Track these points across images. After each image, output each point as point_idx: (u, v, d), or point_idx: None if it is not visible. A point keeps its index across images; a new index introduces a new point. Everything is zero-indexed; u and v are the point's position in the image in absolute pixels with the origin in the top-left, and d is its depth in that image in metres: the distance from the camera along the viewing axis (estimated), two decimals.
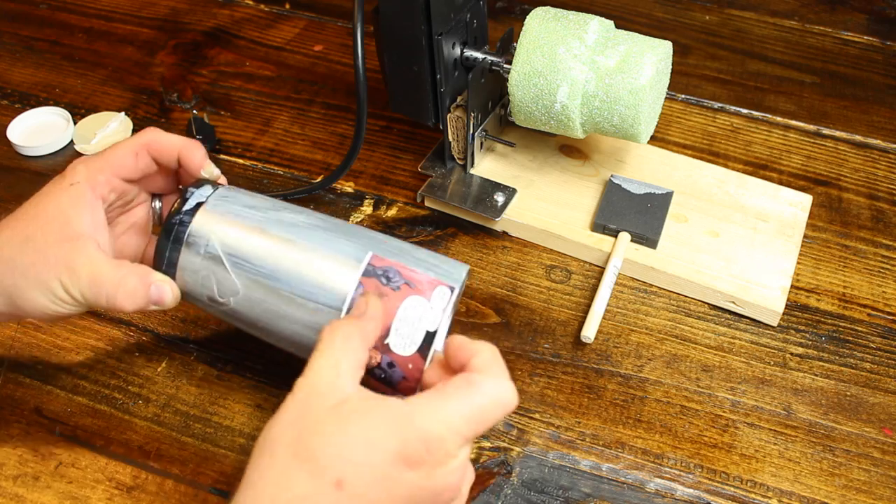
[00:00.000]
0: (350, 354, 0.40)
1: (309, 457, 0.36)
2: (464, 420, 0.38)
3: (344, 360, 0.40)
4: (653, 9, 0.93)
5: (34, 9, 0.91)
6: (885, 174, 0.74)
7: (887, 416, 0.57)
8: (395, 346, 0.45)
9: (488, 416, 0.38)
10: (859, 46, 0.89)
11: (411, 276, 0.46)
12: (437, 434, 0.37)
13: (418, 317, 0.45)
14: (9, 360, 0.58)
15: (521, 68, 0.62)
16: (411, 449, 0.37)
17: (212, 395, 0.57)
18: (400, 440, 0.37)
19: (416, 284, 0.46)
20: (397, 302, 0.45)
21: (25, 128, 0.76)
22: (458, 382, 0.39)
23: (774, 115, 0.80)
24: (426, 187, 0.69)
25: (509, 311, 0.62)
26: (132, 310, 0.47)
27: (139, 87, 0.81)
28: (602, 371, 0.59)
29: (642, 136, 0.63)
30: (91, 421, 0.55)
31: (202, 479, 0.52)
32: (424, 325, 0.45)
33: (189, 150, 0.51)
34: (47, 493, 0.51)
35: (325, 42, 0.87)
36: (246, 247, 0.48)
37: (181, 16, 0.91)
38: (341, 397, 0.38)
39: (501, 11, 0.92)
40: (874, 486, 0.53)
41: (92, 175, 0.49)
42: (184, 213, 0.48)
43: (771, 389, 0.58)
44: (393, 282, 0.46)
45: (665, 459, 0.54)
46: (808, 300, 0.64)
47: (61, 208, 0.48)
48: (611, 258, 0.63)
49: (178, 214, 0.48)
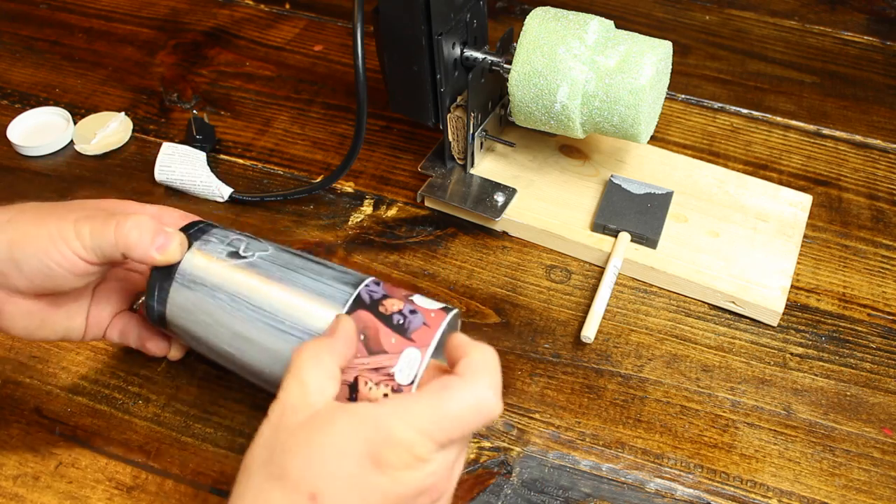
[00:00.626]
0: (318, 369, 0.39)
1: (281, 474, 0.36)
2: (433, 423, 0.36)
3: (312, 375, 0.39)
4: (653, 9, 0.93)
5: (34, 9, 0.91)
6: (885, 174, 0.74)
7: (887, 416, 0.57)
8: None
9: (463, 422, 0.37)
10: (859, 46, 0.89)
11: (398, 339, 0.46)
12: (404, 437, 0.36)
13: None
14: (9, 360, 0.58)
15: (521, 68, 0.62)
16: (378, 452, 0.36)
17: (212, 395, 0.56)
18: (367, 443, 0.36)
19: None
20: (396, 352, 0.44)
21: (25, 128, 0.76)
22: (433, 386, 0.38)
23: (774, 115, 0.80)
24: (426, 187, 0.69)
25: (509, 311, 0.62)
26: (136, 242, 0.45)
27: (139, 87, 0.81)
28: (602, 371, 0.59)
29: (642, 136, 0.63)
30: (91, 421, 0.55)
31: (202, 479, 0.52)
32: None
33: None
34: (47, 493, 0.51)
35: (325, 42, 0.87)
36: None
37: (181, 16, 0.91)
38: (311, 412, 0.37)
39: (501, 11, 0.92)
40: (874, 486, 0.53)
41: None
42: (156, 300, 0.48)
43: (771, 389, 0.58)
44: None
45: (665, 459, 0.54)
46: (808, 300, 0.64)
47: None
48: (611, 258, 0.63)
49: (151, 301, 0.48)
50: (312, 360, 0.39)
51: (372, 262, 0.65)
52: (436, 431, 0.36)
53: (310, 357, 0.40)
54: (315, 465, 0.35)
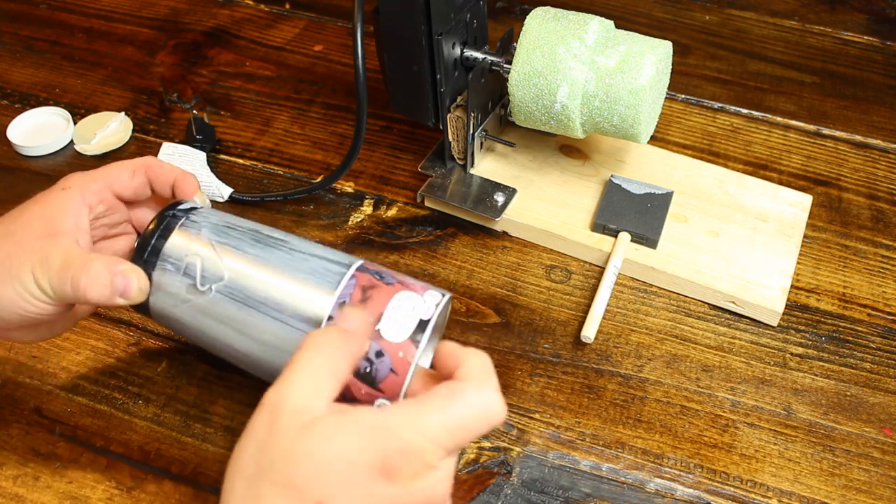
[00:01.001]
0: (333, 370, 0.38)
1: (286, 482, 0.35)
2: (445, 430, 0.36)
3: (326, 376, 0.37)
4: (653, 9, 0.93)
5: (34, 9, 0.91)
6: (885, 174, 0.74)
7: (887, 416, 0.57)
8: (387, 332, 0.43)
9: (471, 426, 0.37)
10: (859, 46, 0.89)
11: (403, 278, 0.46)
12: (417, 445, 0.35)
13: (411, 307, 0.44)
14: (9, 360, 0.58)
15: (521, 68, 0.62)
16: (389, 461, 0.35)
17: (212, 395, 0.56)
18: (378, 453, 0.35)
19: (409, 285, 0.46)
20: (391, 293, 0.44)
21: (25, 128, 0.76)
22: (440, 391, 0.37)
23: (774, 115, 0.80)
24: (426, 187, 0.69)
25: (509, 311, 0.62)
26: (97, 299, 0.45)
27: (139, 87, 0.81)
28: (602, 371, 0.59)
29: (642, 136, 0.63)
30: (91, 421, 0.55)
31: (202, 479, 0.52)
32: (418, 315, 0.44)
33: (184, 179, 0.52)
34: (47, 493, 0.51)
35: (325, 42, 0.87)
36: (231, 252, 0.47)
37: (181, 16, 0.91)
38: (314, 415, 0.36)
39: (501, 11, 0.92)
40: (874, 486, 0.53)
41: (85, 183, 0.49)
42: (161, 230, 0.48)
43: (771, 389, 0.58)
44: (385, 279, 0.46)
45: (665, 459, 0.54)
46: (808, 300, 0.64)
47: (48, 208, 0.48)
48: (611, 258, 0.63)
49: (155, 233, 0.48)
50: (330, 360, 0.38)
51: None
52: (446, 438, 0.36)
53: (328, 355, 0.38)
54: (324, 475, 0.35)
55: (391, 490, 0.35)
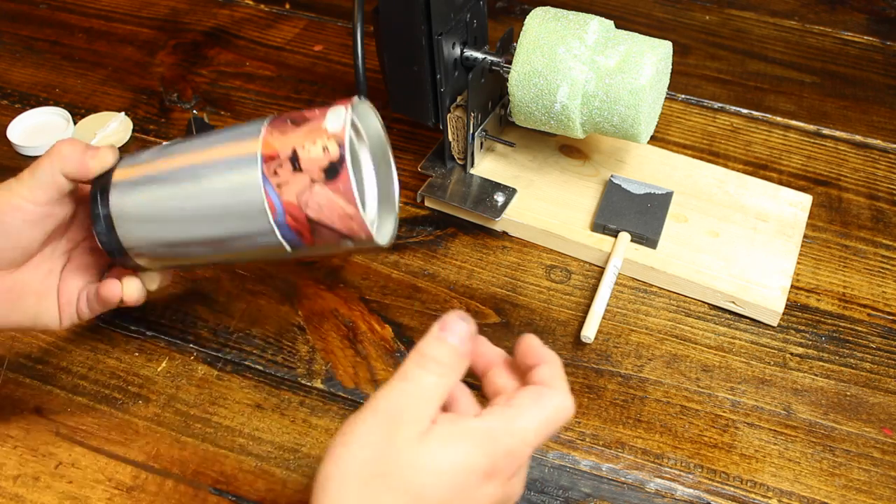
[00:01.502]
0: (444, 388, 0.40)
1: (406, 489, 0.38)
2: (534, 433, 0.40)
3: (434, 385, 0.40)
4: (653, 9, 0.93)
5: (34, 9, 0.91)
6: (885, 174, 0.74)
7: (887, 416, 0.57)
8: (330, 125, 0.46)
9: (553, 427, 0.41)
10: (859, 46, 0.89)
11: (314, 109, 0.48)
12: (516, 448, 0.39)
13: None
14: (9, 360, 0.58)
15: (521, 68, 0.62)
16: (495, 464, 0.39)
17: (212, 395, 0.57)
18: (488, 457, 0.39)
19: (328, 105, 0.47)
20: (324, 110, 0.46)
21: (25, 128, 0.76)
22: (530, 396, 0.41)
23: (774, 115, 0.80)
24: (426, 187, 0.69)
25: (509, 311, 0.62)
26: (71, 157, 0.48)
27: (139, 87, 0.81)
28: (602, 371, 0.59)
29: (642, 136, 0.63)
30: (91, 421, 0.55)
31: (202, 479, 0.52)
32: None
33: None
34: (47, 493, 0.51)
35: (325, 42, 0.87)
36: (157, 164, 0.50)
37: (181, 16, 0.91)
38: (425, 426, 0.39)
39: (501, 11, 0.92)
40: (874, 486, 0.53)
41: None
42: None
43: (771, 389, 0.58)
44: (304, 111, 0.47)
45: (665, 459, 0.54)
46: (808, 300, 0.64)
47: None
48: (611, 258, 0.63)
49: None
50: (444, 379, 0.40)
51: (371, 262, 0.65)
52: (535, 439, 0.40)
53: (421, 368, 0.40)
54: (443, 481, 0.38)
55: (492, 489, 0.39)
